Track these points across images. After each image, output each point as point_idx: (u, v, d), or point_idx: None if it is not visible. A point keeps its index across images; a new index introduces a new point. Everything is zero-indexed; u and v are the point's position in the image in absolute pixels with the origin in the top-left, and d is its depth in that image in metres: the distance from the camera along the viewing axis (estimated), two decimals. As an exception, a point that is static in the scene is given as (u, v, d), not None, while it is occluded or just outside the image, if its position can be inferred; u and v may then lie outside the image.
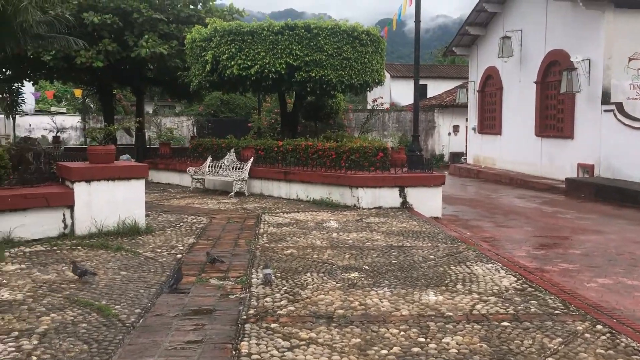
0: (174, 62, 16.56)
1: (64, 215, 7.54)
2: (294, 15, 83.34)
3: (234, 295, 5.07)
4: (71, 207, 7.56)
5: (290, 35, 12.84)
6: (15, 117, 23.28)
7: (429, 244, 7.39)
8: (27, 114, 29.30)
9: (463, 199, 14.53)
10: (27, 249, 6.79)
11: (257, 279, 5.59)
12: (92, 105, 32.08)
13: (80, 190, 7.58)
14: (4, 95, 21.54)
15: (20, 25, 8.09)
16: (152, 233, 7.94)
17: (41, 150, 8.28)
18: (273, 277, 5.49)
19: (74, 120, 30.52)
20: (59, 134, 23.64)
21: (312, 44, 12.62)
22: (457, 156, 27.73)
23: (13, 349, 3.75)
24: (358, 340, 3.98)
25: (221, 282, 5.50)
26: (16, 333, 4.03)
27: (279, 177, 12.19)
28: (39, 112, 32.73)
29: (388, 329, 4.19)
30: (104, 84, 19.79)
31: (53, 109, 35.84)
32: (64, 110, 36.37)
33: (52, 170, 8.25)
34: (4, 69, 18.46)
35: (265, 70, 13.01)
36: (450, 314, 4.56)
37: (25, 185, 7.67)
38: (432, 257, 6.65)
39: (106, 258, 6.44)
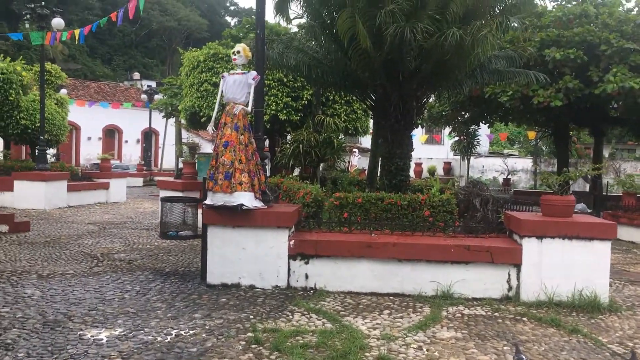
0: (647, 97, 13.90)
1: (508, 274, 6.44)
2: None
3: None
4: (518, 266, 6.41)
5: None
6: (469, 158, 24.09)
7: None
8: (481, 156, 30.30)
9: None
10: (466, 310, 5.93)
11: None
12: (543, 148, 31.11)
13: (530, 247, 6.36)
14: (462, 137, 22.47)
15: (478, 60, 7.55)
16: (617, 312, 6.09)
17: (489, 197, 7.45)
18: None
19: (525, 162, 30.03)
20: (509, 176, 23.35)
21: None
22: None
23: None
24: None
25: None
26: None
27: None
28: (492, 154, 33.63)
29: None
30: (560, 125, 18.40)
31: (505, 151, 36.36)
32: (516, 152, 36.49)
33: (499, 219, 7.32)
34: (462, 112, 19.12)
35: None
36: None
37: (469, 235, 6.92)
38: None
39: (557, 342, 4.99)
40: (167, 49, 70.43)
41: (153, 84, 42.44)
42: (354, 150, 21.54)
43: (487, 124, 22.19)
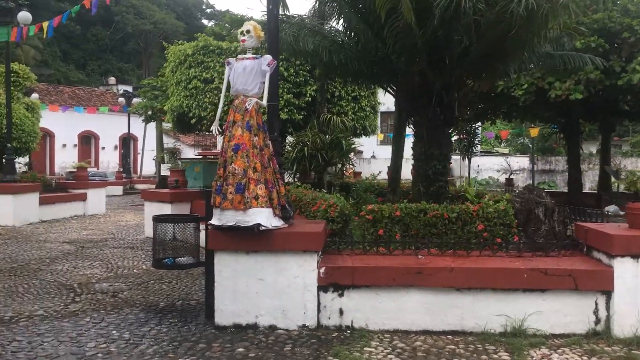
0: (677, 87, 12.79)
1: (596, 304, 5.15)
2: None
3: None
4: (608, 293, 5.12)
5: None
6: (470, 158, 22.93)
7: None
8: (476, 155, 29.23)
9: None
10: (555, 356, 4.61)
11: None
12: (530, 146, 30.14)
13: (624, 269, 5.07)
14: (461, 136, 21.29)
15: (548, 37, 6.25)
16: None
17: (553, 206, 6.15)
18: None
19: (522, 161, 28.99)
20: (511, 176, 22.23)
21: None
22: None
23: None
24: None
25: None
26: None
27: None
28: (484, 152, 32.54)
29: None
30: (571, 121, 17.27)
31: (496, 149, 35.39)
32: (506, 150, 35.49)
33: (568, 233, 6.04)
34: (467, 108, 17.87)
35: None
36: None
37: (536, 254, 5.61)
38: None
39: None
40: (143, 53, 68.59)
41: (129, 89, 40.75)
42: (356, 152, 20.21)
43: (489, 122, 21.08)
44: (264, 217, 5.17)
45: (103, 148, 40.31)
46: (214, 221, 5.27)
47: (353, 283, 5.27)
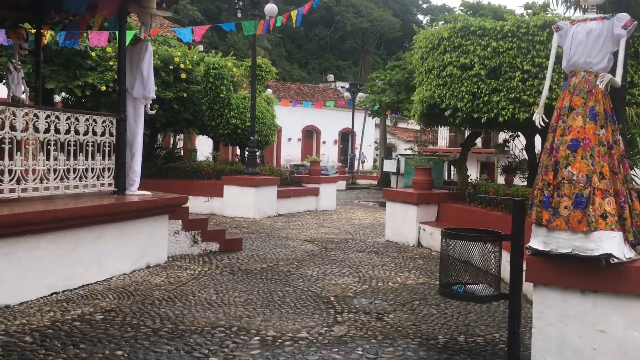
0: None
1: None
2: None
3: None
4: None
5: None
6: None
7: None
8: None
9: None
10: None
11: None
12: None
13: None
14: None
15: None
16: None
17: None
18: None
19: None
20: None
21: None
22: None
23: None
24: None
25: None
26: None
27: None
28: None
29: None
30: None
31: None
32: None
33: None
34: None
35: None
36: None
37: None
38: None
39: None
40: (360, 51, 69.88)
41: (346, 85, 41.43)
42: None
43: None
44: (614, 244, 3.62)
45: (324, 142, 41.45)
46: (537, 244, 3.86)
47: None
